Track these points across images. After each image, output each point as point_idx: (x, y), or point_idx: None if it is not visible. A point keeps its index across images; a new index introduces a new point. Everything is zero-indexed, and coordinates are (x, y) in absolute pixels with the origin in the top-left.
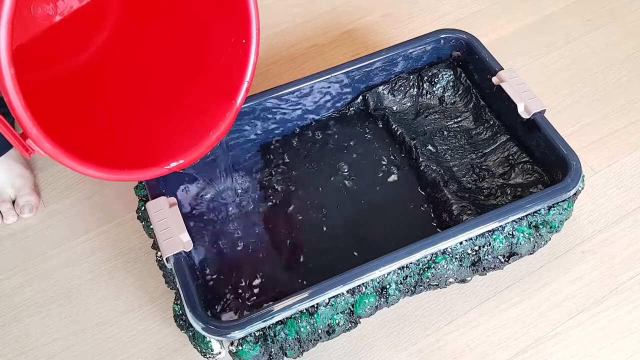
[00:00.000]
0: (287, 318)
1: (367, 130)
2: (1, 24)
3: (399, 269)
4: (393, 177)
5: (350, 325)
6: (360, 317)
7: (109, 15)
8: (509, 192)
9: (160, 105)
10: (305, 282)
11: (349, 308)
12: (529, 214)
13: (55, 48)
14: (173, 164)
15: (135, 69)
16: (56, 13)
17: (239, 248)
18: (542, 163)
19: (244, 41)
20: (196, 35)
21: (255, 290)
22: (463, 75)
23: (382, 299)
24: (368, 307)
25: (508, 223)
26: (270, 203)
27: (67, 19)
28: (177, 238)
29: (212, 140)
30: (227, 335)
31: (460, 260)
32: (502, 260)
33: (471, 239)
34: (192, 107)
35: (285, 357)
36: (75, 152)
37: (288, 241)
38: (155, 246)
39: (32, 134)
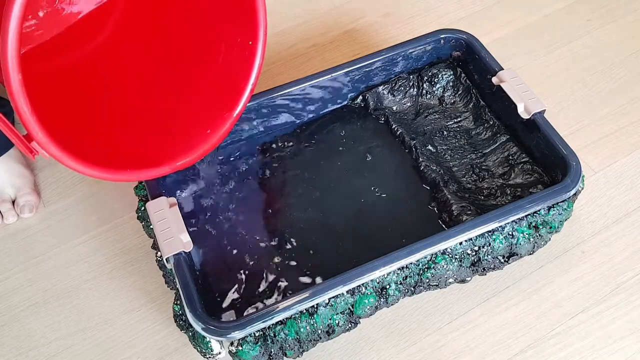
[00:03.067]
0: (287, 318)
1: (367, 130)
2: (9, 31)
3: (399, 269)
4: (393, 177)
5: (350, 325)
6: (360, 318)
7: (114, 11)
8: (508, 192)
9: (163, 106)
10: (304, 282)
11: (349, 308)
12: (528, 214)
13: (58, 39)
14: (177, 163)
15: (138, 68)
16: (61, 2)
17: (238, 248)
18: (542, 163)
19: (250, 43)
20: (202, 35)
21: (255, 291)
22: (463, 75)
23: (382, 299)
24: (368, 307)
25: (508, 223)
26: (269, 202)
27: (71, 9)
28: (177, 238)
29: (214, 141)
30: (227, 336)
31: (460, 261)
32: (502, 260)
33: (471, 239)
34: (194, 108)
35: (285, 357)
36: (77, 153)
37: (288, 241)
38: (155, 246)
39: (38, 137)
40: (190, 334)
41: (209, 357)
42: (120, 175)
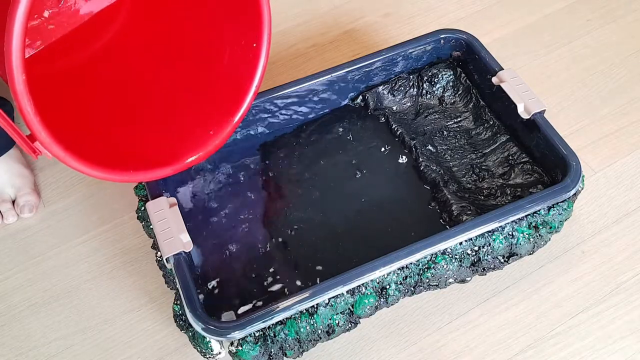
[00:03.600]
0: (287, 318)
1: (367, 130)
2: (14, 32)
3: (399, 269)
4: (393, 177)
5: (350, 325)
6: (360, 318)
7: (119, 13)
8: (508, 192)
9: (166, 108)
10: (304, 282)
11: (349, 308)
12: (528, 215)
13: (62, 41)
14: (180, 165)
15: (141, 70)
16: (65, 4)
17: (238, 248)
18: (542, 163)
19: (254, 45)
20: (206, 37)
21: (255, 291)
22: (463, 75)
23: (382, 299)
24: (368, 307)
25: (508, 223)
26: (269, 202)
27: (76, 12)
28: (177, 238)
29: (218, 143)
30: (227, 336)
31: (460, 261)
32: (502, 260)
33: (471, 239)
34: (198, 109)
35: (285, 357)
36: (80, 153)
37: (288, 241)
38: (155, 246)
39: (41, 138)
40: (190, 334)
41: (209, 357)
42: (123, 175)
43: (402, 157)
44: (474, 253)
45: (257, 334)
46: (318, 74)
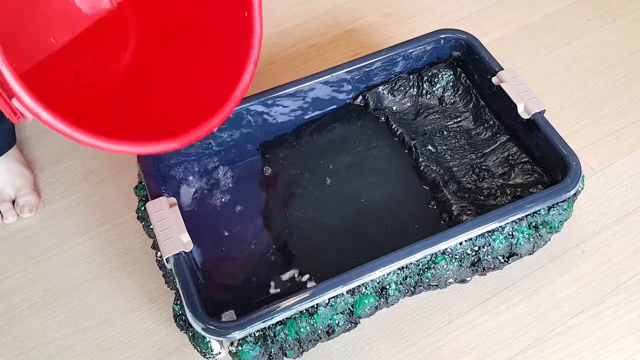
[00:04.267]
0: (287, 318)
1: (367, 130)
2: None
3: (399, 269)
4: (393, 177)
5: (350, 325)
6: (360, 318)
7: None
8: (508, 192)
9: (168, 82)
10: (304, 283)
11: (349, 308)
12: (528, 215)
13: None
14: (173, 144)
15: (137, 46)
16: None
17: (238, 248)
18: (542, 163)
19: (246, 14)
20: (203, 14)
21: (255, 291)
22: (463, 75)
23: (382, 299)
24: (368, 307)
25: (508, 223)
26: (269, 202)
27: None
28: (177, 238)
29: (216, 122)
30: (227, 336)
31: (460, 261)
32: (502, 260)
33: (471, 239)
34: (195, 87)
35: (285, 358)
36: (65, 115)
37: (287, 241)
38: (155, 246)
39: (16, 90)
40: (190, 334)
41: (209, 357)
42: (109, 143)
43: (401, 157)
44: (474, 253)
45: (257, 334)
46: (318, 74)
